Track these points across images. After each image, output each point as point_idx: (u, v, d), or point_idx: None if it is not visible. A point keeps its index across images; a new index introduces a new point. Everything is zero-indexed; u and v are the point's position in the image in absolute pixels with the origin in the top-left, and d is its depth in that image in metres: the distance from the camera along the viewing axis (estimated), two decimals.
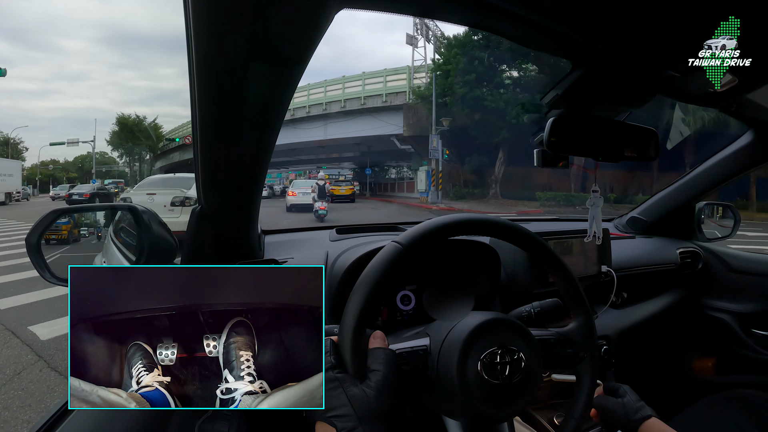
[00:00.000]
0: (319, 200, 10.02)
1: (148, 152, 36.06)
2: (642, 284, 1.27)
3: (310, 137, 21.61)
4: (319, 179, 10.60)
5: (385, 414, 0.41)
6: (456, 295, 0.91)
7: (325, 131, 21.77)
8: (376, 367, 0.43)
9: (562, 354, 0.55)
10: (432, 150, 16.15)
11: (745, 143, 1.14)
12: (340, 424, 0.40)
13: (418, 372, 0.48)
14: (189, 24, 0.43)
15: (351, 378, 0.43)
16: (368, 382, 0.42)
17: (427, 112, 17.19)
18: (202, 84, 0.50)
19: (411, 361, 0.48)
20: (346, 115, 20.97)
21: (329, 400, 0.41)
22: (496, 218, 0.55)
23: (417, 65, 22.24)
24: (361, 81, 20.90)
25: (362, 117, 20.41)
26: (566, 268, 0.58)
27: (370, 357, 0.45)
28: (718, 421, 0.95)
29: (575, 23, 0.50)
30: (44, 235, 0.70)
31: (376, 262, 0.47)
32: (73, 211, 0.94)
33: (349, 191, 18.94)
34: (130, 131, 34.19)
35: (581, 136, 0.66)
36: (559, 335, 0.56)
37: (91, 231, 0.99)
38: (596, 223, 0.79)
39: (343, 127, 21.01)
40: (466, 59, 15.43)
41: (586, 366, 0.57)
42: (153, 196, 6.79)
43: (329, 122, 21.58)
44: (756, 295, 1.28)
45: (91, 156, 39.72)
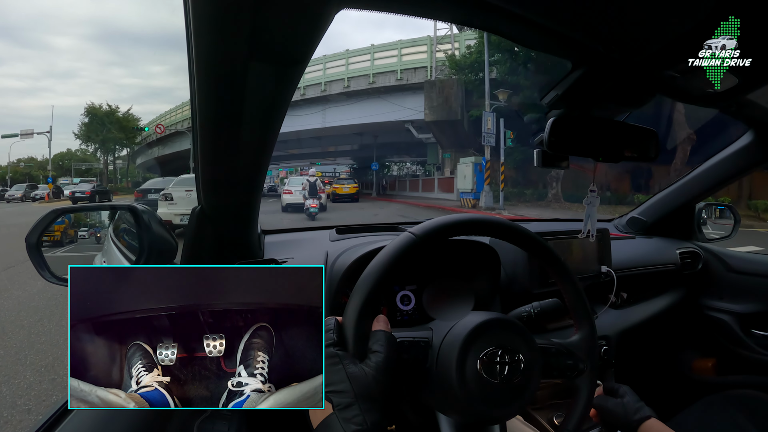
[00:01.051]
0: (310, 197, 9.86)
1: (124, 147, 32.77)
2: (642, 284, 1.27)
3: (305, 125, 17.61)
4: (310, 176, 10.39)
5: (381, 394, 0.42)
6: (456, 295, 0.91)
7: (324, 118, 17.82)
8: (377, 349, 0.44)
9: (562, 365, 0.55)
10: (486, 134, 12.10)
11: (745, 143, 1.14)
12: (337, 400, 0.40)
13: (417, 363, 0.48)
14: (189, 24, 0.43)
15: (351, 356, 0.43)
16: (368, 362, 0.43)
17: (460, 89, 14.09)
18: (202, 84, 0.50)
19: (412, 351, 0.48)
20: (350, 98, 17.03)
21: (328, 375, 0.41)
22: (508, 222, 0.56)
23: (441, 35, 16.76)
24: (369, 55, 16.77)
25: (370, 100, 16.63)
26: (575, 280, 0.58)
27: (372, 338, 0.45)
28: (718, 422, 0.95)
29: (575, 23, 0.50)
30: (44, 234, 0.70)
31: (389, 249, 0.48)
32: (74, 211, 0.94)
33: (353, 189, 17.64)
34: (101, 122, 30.63)
35: (581, 136, 0.66)
36: (561, 346, 0.56)
37: (92, 232, 0.99)
38: (591, 221, 0.80)
39: (345, 112, 17.28)
40: None
41: (585, 379, 0.57)
42: (191, 192, 6.91)
43: (329, 107, 17.71)
44: (756, 296, 1.28)
45: (71, 153, 36.97)
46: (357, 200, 17.41)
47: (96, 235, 1.00)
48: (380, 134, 19.95)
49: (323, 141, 22.99)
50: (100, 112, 31.04)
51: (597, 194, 0.80)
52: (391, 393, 0.44)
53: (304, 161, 32.84)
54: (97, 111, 31.16)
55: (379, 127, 17.82)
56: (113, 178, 34.18)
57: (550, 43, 0.55)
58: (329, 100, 17.61)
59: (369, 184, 25.90)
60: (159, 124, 26.46)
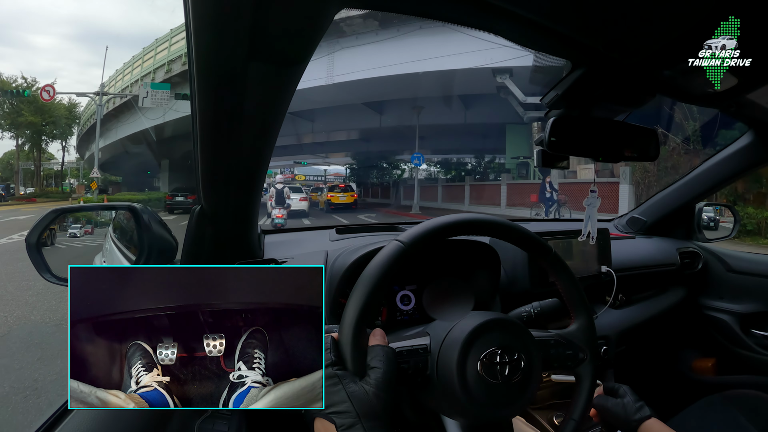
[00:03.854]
0: (276, 206, 8.60)
1: (52, 137, 23.66)
2: (642, 284, 1.27)
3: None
4: (277, 182, 8.97)
5: (384, 411, 0.41)
6: (456, 295, 0.91)
7: (331, 67, 9.85)
8: (375, 365, 0.44)
9: (561, 355, 0.55)
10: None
11: (745, 143, 1.14)
12: (339, 420, 0.40)
13: (417, 371, 0.48)
14: (189, 24, 0.43)
15: (350, 375, 0.43)
16: (368, 379, 0.42)
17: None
18: (202, 84, 0.50)
19: (411, 360, 0.48)
20: (385, 27, 9.09)
21: (329, 396, 0.41)
22: (497, 219, 0.55)
23: None
24: None
25: (423, 31, 9.04)
26: (567, 268, 0.58)
27: (370, 354, 0.45)
28: (718, 422, 0.95)
29: (575, 23, 0.50)
30: (44, 234, 0.70)
31: (378, 259, 0.47)
32: (74, 211, 0.94)
33: (351, 198, 15.97)
34: (10, 103, 21.30)
35: (581, 136, 0.66)
36: (560, 336, 0.56)
37: (87, 230, 0.97)
38: (591, 222, 0.80)
39: (371, 54, 9.31)
40: None
41: (586, 368, 0.57)
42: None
43: (343, 46, 9.91)
44: (756, 296, 1.28)
45: (25, 153, 25.67)
46: (356, 207, 15.81)
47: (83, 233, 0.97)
48: (429, 106, 11.46)
49: (322, 119, 14.04)
50: (7, 86, 21.11)
51: (597, 195, 0.80)
52: (393, 407, 0.43)
53: (285, 159, 23.67)
54: (5, 85, 21.12)
55: (430, 84, 9.32)
56: (57, 179, 26.01)
57: (551, 43, 0.55)
58: (344, 33, 9.46)
59: (380, 189, 20.19)
60: (47, 87, 17.61)
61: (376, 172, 20.71)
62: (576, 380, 0.58)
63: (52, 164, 28.30)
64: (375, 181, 21.20)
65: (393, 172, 18.92)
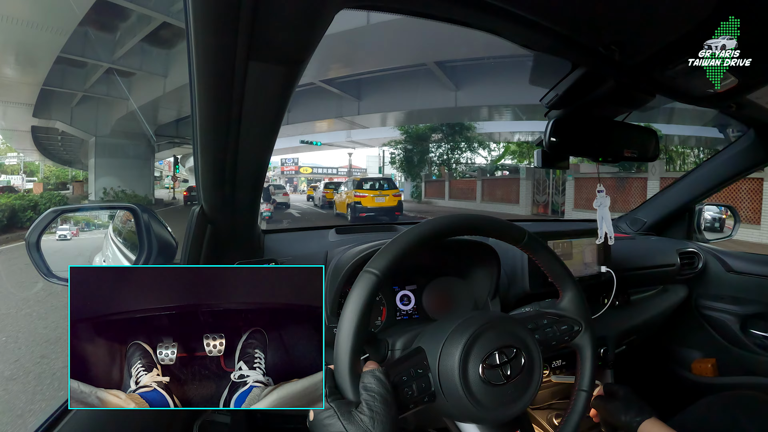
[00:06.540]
0: (263, 202, 8.54)
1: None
2: (642, 284, 1.27)
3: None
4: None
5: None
6: (456, 295, 0.91)
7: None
8: (367, 397, 0.43)
9: (557, 332, 0.55)
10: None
11: (745, 144, 1.14)
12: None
13: (422, 391, 0.48)
14: (189, 24, 0.43)
15: (347, 405, 0.42)
16: (362, 408, 0.42)
17: None
18: (202, 84, 0.50)
19: (413, 385, 0.48)
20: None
21: (326, 429, 0.40)
22: (466, 217, 0.53)
23: None
24: None
25: None
26: (545, 246, 0.57)
27: (363, 381, 0.44)
28: (718, 422, 0.94)
29: (576, 24, 0.50)
30: (43, 234, 0.70)
31: (355, 296, 0.46)
32: (73, 211, 0.93)
33: (394, 201, 10.53)
34: None
35: (581, 136, 0.66)
36: (552, 315, 0.56)
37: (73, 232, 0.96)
38: (606, 222, 0.78)
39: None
40: None
41: (583, 337, 0.57)
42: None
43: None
44: (755, 296, 1.28)
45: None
46: (401, 213, 10.69)
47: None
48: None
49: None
50: None
51: (605, 194, 0.78)
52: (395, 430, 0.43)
53: (291, 139, 16.16)
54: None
55: None
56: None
57: (551, 43, 0.55)
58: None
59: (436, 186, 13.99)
60: None
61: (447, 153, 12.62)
62: (577, 352, 0.58)
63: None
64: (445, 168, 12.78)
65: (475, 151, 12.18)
